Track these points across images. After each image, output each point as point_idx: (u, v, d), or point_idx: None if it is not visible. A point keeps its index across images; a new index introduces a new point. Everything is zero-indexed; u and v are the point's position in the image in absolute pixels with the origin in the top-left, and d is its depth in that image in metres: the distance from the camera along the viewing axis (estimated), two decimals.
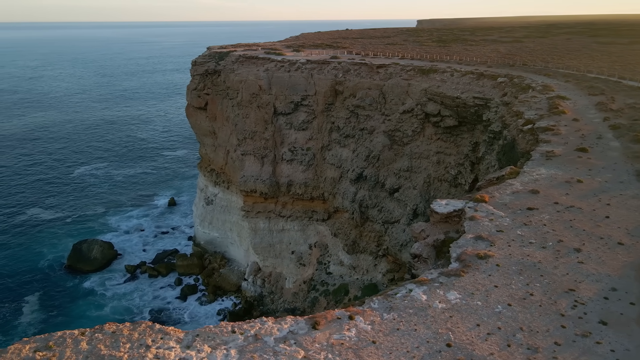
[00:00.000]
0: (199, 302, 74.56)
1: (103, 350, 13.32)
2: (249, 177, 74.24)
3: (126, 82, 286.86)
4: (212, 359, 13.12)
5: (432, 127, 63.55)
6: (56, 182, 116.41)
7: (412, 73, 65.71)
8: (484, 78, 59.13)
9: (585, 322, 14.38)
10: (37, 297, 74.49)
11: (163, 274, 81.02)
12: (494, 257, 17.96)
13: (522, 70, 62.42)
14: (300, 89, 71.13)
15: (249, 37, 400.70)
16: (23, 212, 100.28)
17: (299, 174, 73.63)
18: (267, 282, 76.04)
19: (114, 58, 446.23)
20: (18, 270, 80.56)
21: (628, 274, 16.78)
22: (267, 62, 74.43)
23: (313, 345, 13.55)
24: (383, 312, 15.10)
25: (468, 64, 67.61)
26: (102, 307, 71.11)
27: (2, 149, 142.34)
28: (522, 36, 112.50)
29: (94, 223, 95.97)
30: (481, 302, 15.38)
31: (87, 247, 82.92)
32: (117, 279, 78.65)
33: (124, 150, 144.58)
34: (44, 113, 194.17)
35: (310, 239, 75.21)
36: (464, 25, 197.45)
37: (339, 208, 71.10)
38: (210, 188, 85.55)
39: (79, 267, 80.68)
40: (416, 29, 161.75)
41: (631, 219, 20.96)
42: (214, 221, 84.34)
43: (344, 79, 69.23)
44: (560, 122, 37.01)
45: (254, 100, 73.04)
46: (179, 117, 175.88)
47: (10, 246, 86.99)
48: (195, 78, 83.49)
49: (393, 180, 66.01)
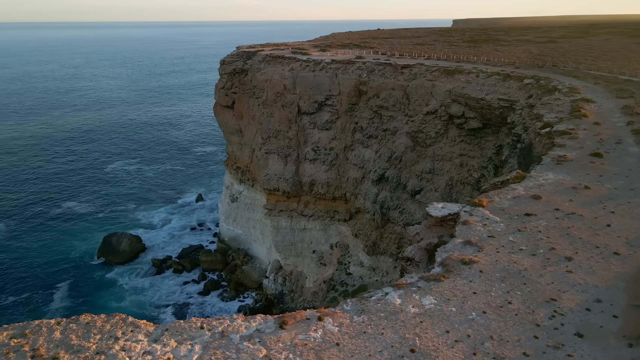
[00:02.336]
0: (221, 298, 75.68)
1: (74, 340, 13.74)
2: (272, 175, 74.87)
3: (161, 80, 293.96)
4: (176, 353, 13.34)
5: (455, 129, 62.51)
6: (90, 177, 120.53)
7: (437, 74, 64.72)
8: (510, 79, 57.69)
9: (560, 333, 13.88)
10: (67, 285, 77.34)
11: (187, 268, 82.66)
12: (479, 263, 17.55)
13: (551, 71, 60.57)
14: (325, 88, 71.17)
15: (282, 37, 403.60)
16: (59, 205, 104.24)
17: (322, 174, 73.72)
18: (288, 280, 76.48)
19: (150, 57, 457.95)
20: (53, 260, 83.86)
21: (617, 286, 16.09)
22: (292, 61, 74.79)
23: (276, 344, 13.60)
24: (354, 314, 14.99)
25: (495, 65, 66.13)
26: (124, 299, 73.20)
27: (43, 144, 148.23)
28: (559, 36, 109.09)
29: (124, 216, 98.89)
30: (456, 309, 15.07)
31: (116, 240, 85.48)
32: (143, 271, 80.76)
33: (155, 146, 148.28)
34: (82, 110, 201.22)
35: (331, 238, 75.21)
36: (501, 25, 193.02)
37: (361, 209, 70.80)
38: (236, 185, 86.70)
39: (109, 259, 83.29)
40: (449, 29, 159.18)
41: (634, 228, 20.08)
42: (238, 218, 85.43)
43: (368, 79, 68.86)
44: (580, 125, 35.76)
45: (279, 99, 73.58)
46: (211, 115, 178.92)
47: (46, 237, 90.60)
48: (223, 77, 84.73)
49: (415, 182, 65.29)
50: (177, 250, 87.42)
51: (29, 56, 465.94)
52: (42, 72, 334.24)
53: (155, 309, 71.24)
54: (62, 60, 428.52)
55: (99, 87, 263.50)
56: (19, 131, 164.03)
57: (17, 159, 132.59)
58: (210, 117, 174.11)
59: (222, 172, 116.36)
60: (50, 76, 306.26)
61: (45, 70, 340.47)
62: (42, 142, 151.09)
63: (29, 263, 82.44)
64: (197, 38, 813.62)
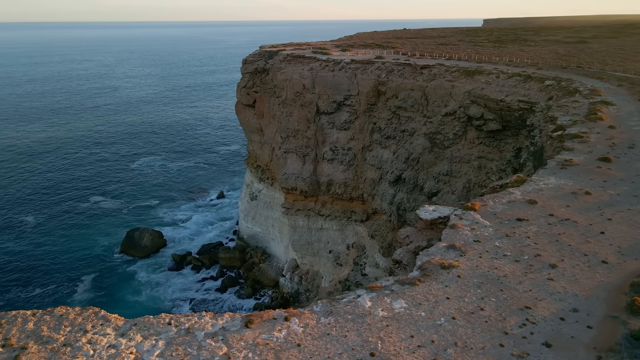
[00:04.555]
0: (237, 295, 76.40)
1: (45, 332, 14.17)
2: (290, 174, 75.16)
3: (189, 79, 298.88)
4: (139, 348, 13.59)
5: (474, 131, 61.42)
6: (117, 172, 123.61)
7: (457, 74, 63.75)
8: (531, 81, 56.38)
9: (528, 342, 13.52)
10: (91, 278, 79.44)
11: (206, 265, 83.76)
12: (458, 268, 17.24)
13: (574, 72, 58.89)
14: (344, 88, 71.00)
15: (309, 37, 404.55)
16: (87, 199, 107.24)
17: (339, 174, 73.59)
18: (304, 279, 76.67)
19: (179, 56, 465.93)
20: (78, 253, 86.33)
21: (598, 295, 15.56)
22: (312, 61, 74.90)
23: (238, 343, 13.68)
24: (321, 315, 14.95)
25: (517, 66, 64.71)
26: (142, 293, 74.69)
27: (76, 141, 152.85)
28: (590, 36, 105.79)
29: (148, 212, 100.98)
30: (425, 313, 14.85)
31: (139, 234, 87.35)
32: (162, 266, 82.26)
33: (181, 144, 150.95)
34: (112, 107, 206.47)
35: (348, 239, 75.00)
36: (532, 25, 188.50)
37: (377, 210, 70.36)
38: (256, 184, 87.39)
39: (130, 253, 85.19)
40: (477, 28, 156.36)
41: (628, 237, 19.36)
42: (257, 216, 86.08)
43: (386, 79, 68.34)
44: (593, 129, 34.68)
45: (298, 98, 73.80)
46: (235, 114, 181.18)
47: (72, 231, 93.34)
48: (245, 76, 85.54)
49: (432, 184, 64.47)
50: (197, 246, 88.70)
51: (64, 55, 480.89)
52: (76, 70, 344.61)
53: (172, 303, 72.46)
54: (95, 59, 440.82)
55: (129, 86, 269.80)
56: (55, 129, 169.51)
57: (51, 155, 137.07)
58: (235, 115, 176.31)
59: (244, 171, 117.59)
60: (83, 75, 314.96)
61: (79, 69, 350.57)
62: (75, 139, 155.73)
63: (56, 256, 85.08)
64: (227, 38, 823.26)
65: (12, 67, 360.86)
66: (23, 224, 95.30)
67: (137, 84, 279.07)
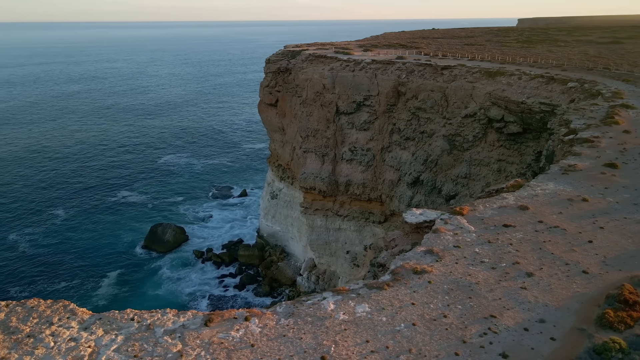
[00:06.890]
0: (255, 293, 77.12)
1: (13, 323, 14.66)
2: (309, 174, 75.32)
3: (218, 78, 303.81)
4: (98, 342, 13.91)
5: (494, 133, 60.12)
6: (144, 168, 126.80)
7: (478, 75, 62.55)
8: (553, 82, 54.82)
9: (484, 352, 13.17)
10: (116, 272, 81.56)
11: (226, 262, 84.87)
12: (430, 273, 16.94)
13: (600, 74, 56.91)
14: (363, 89, 70.67)
15: (338, 36, 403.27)
16: (115, 194, 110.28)
17: (358, 174, 73.31)
18: (321, 279, 76.71)
19: (210, 55, 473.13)
20: (103, 247, 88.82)
21: (569, 306, 15.01)
22: (333, 61, 74.85)
23: (194, 341, 13.84)
24: (282, 317, 14.96)
25: (541, 67, 63.00)
26: (162, 287, 76.29)
27: (107, 137, 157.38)
28: (626, 37, 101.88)
29: (172, 208, 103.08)
30: (386, 318, 14.66)
31: (162, 230, 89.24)
32: (183, 262, 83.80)
33: (207, 142, 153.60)
34: (143, 105, 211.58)
35: (365, 240, 74.58)
36: (568, 24, 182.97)
37: (395, 211, 69.75)
38: (276, 183, 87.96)
39: (153, 248, 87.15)
40: (508, 28, 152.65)
41: (617, 247, 18.60)
42: (277, 215, 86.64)
43: (406, 80, 67.65)
44: (606, 133, 33.44)
45: (318, 98, 73.89)
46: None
47: (99, 225, 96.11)
48: (268, 75, 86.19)
49: (450, 186, 63.47)
50: (219, 243, 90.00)
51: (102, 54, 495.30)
52: (111, 69, 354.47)
53: (191, 299, 73.74)
54: (130, 58, 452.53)
55: (160, 84, 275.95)
56: (89, 125, 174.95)
57: (85, 151, 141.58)
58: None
59: (267, 169, 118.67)
60: (117, 74, 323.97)
61: (114, 68, 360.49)
62: (106, 134, 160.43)
63: (82, 250, 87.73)
64: (259, 37, 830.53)
65: (51, 66, 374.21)
66: (53, 216, 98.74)
67: (167, 83, 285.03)
